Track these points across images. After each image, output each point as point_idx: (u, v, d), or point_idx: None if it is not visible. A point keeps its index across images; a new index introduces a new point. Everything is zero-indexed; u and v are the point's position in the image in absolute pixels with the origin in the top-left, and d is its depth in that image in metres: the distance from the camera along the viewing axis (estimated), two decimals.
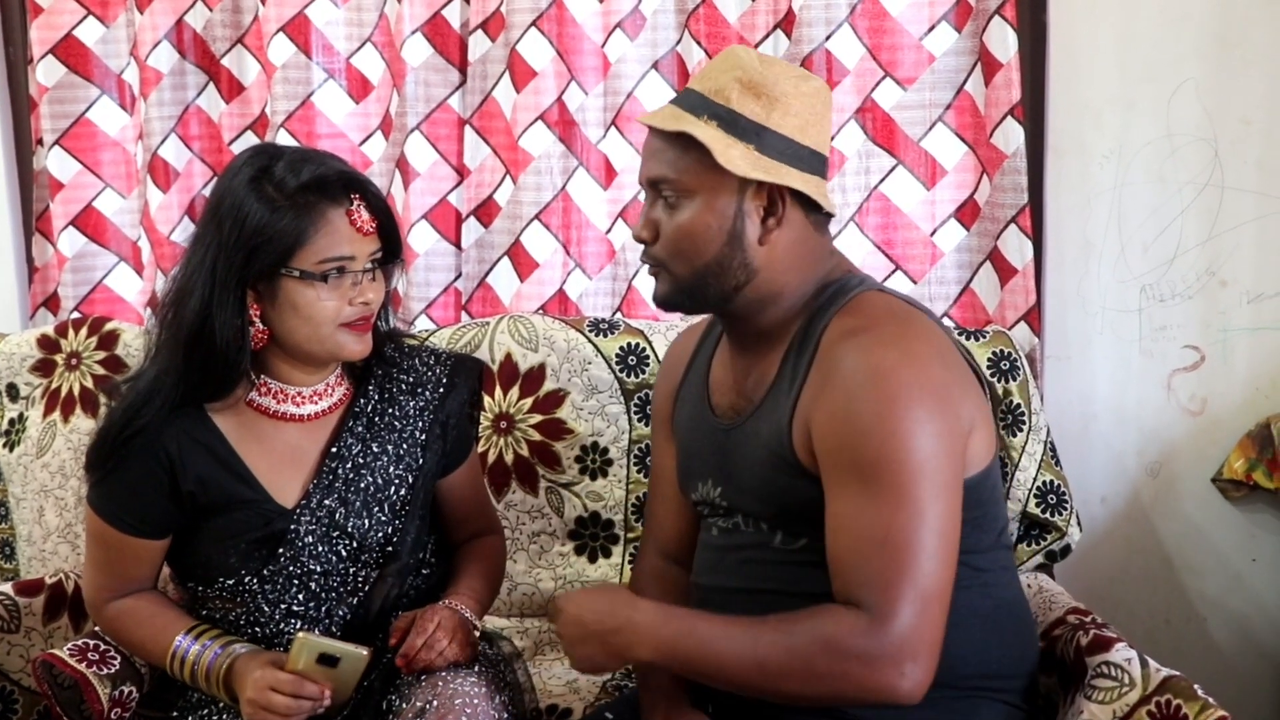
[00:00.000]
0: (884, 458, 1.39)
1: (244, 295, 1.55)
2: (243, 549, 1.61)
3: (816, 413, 1.45)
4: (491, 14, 2.37)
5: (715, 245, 1.50)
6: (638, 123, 1.57)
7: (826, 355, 1.47)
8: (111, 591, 1.68)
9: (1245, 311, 2.33)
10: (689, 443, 1.67)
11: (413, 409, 1.71)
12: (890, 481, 1.39)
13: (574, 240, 2.41)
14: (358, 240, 1.58)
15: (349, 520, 1.64)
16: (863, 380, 1.42)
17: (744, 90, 1.49)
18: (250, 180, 1.55)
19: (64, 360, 2.32)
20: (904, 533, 1.38)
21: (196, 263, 1.56)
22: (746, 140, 1.48)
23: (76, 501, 2.24)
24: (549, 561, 2.20)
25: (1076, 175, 2.35)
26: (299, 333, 1.58)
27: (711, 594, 1.60)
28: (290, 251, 1.54)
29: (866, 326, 1.47)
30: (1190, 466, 2.39)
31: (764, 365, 1.56)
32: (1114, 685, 1.53)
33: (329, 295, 1.57)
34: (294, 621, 1.64)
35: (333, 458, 1.66)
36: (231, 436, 1.63)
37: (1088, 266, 2.37)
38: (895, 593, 1.36)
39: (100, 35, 2.45)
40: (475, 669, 1.59)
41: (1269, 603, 2.39)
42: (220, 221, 1.55)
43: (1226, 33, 2.27)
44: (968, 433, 1.47)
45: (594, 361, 2.19)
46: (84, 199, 2.47)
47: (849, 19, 2.30)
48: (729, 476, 1.58)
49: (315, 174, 1.56)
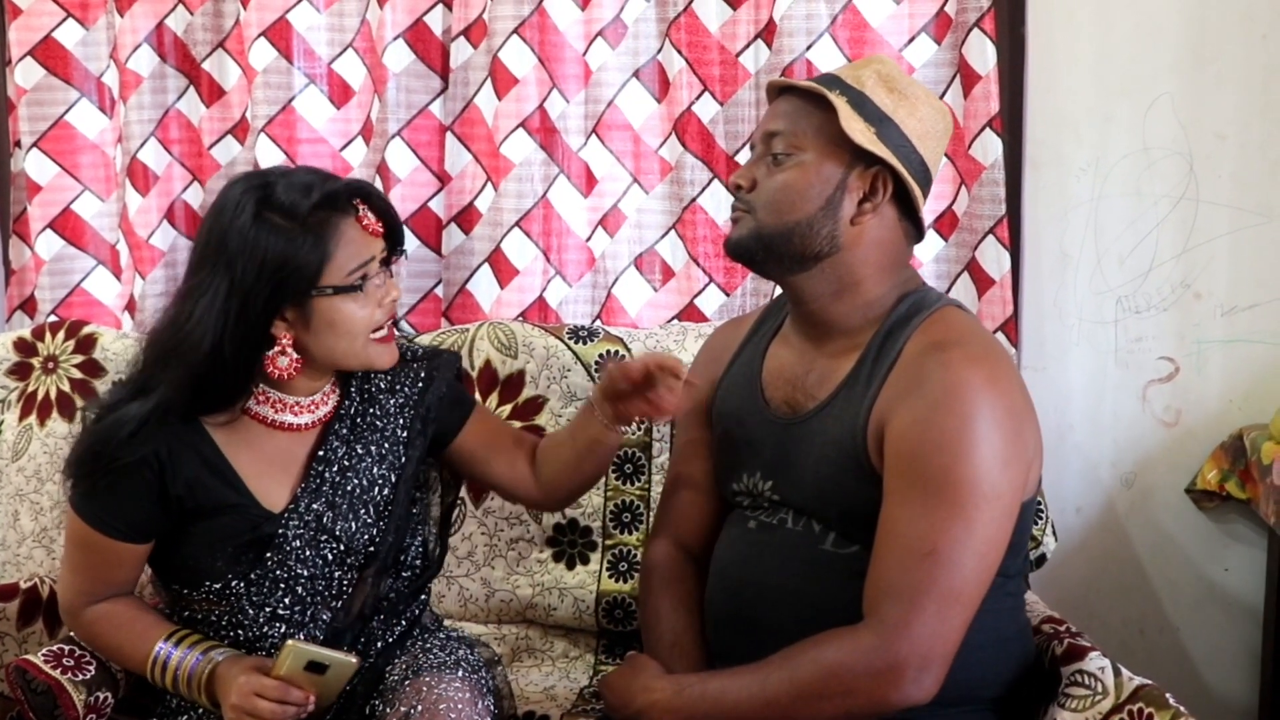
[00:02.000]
0: (952, 474, 1.42)
1: (268, 328, 1.55)
2: (230, 553, 1.60)
3: (895, 418, 1.46)
4: (474, 21, 2.38)
5: (811, 206, 1.53)
6: (773, 85, 1.61)
7: (911, 364, 1.49)
8: (90, 596, 1.66)
9: (1219, 324, 2.35)
10: (736, 433, 1.66)
11: (393, 406, 1.71)
12: (952, 498, 1.42)
13: (554, 247, 2.41)
14: (371, 243, 1.60)
15: (336, 524, 1.64)
16: (947, 393, 1.44)
17: (879, 81, 1.55)
18: (255, 214, 1.53)
19: (41, 364, 2.30)
20: (950, 549, 1.41)
21: (205, 306, 1.52)
22: (870, 122, 1.53)
23: (52, 505, 2.23)
24: (527, 568, 2.20)
25: (1054, 187, 2.37)
26: (338, 349, 1.59)
27: (746, 587, 1.60)
28: (319, 272, 1.54)
29: (955, 342, 1.49)
30: (1164, 477, 2.41)
31: (832, 364, 1.57)
32: (1087, 694, 1.54)
33: (364, 303, 1.58)
34: (278, 625, 1.63)
35: (319, 461, 1.65)
36: (221, 442, 1.62)
37: (1064, 278, 2.39)
38: (920, 603, 1.40)
39: (80, 37, 2.44)
40: (459, 673, 1.59)
41: (1241, 612, 2.41)
42: (230, 262, 1.52)
43: (1201, 48, 2.29)
44: (1031, 461, 1.51)
45: (573, 369, 2.20)
46: (62, 202, 2.46)
47: (830, 29, 2.31)
48: (785, 471, 1.58)
49: (323, 191, 1.56)
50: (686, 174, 2.38)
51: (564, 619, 2.17)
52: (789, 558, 1.56)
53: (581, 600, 2.16)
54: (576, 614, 2.16)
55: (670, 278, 2.43)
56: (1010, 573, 1.55)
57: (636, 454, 2.17)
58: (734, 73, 2.37)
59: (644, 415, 1.66)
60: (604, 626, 2.16)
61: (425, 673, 1.58)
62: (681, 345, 2.20)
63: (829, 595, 1.51)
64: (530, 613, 2.19)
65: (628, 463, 2.17)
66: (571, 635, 2.19)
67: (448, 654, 1.68)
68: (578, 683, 2.08)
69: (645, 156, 2.41)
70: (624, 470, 2.17)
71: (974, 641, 1.47)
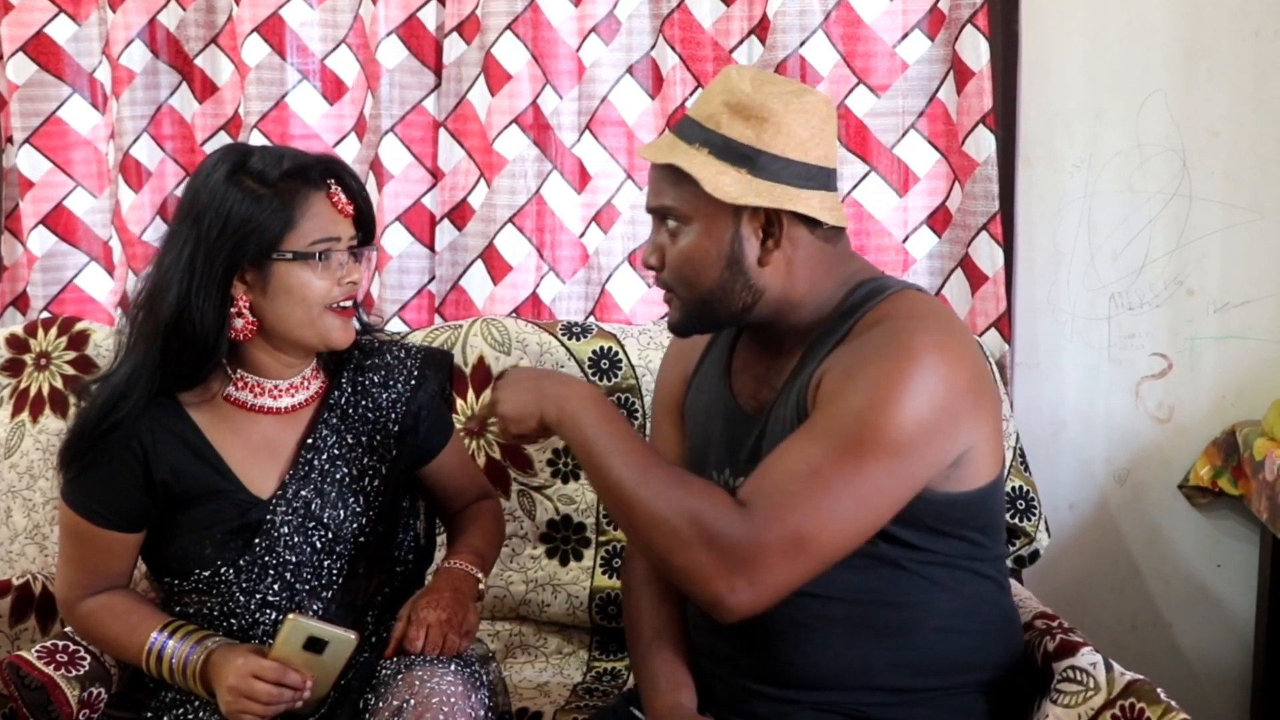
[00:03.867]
0: (863, 416, 1.38)
1: (228, 287, 1.57)
2: (218, 539, 1.61)
3: (831, 370, 1.45)
4: (467, 17, 2.38)
5: (715, 270, 1.50)
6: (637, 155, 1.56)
7: (861, 333, 1.47)
8: (84, 589, 1.66)
9: (1212, 320, 2.35)
10: (705, 430, 1.65)
11: (385, 401, 1.72)
12: (855, 437, 1.38)
13: (548, 244, 2.41)
14: (340, 222, 1.62)
15: (324, 511, 1.65)
16: (886, 346, 1.42)
17: (733, 115, 1.48)
18: (228, 175, 1.57)
19: (33, 360, 2.30)
20: (829, 482, 1.37)
21: (171, 260, 1.56)
22: (739, 165, 1.47)
23: (44, 502, 2.23)
24: (520, 564, 2.20)
25: (1047, 184, 2.37)
26: (292, 317, 1.59)
27: None
28: (280, 237, 1.56)
29: (908, 315, 1.46)
30: (1157, 473, 2.41)
31: (790, 356, 1.56)
32: (1079, 689, 1.55)
33: (322, 275, 1.59)
34: (269, 612, 1.64)
35: (308, 449, 1.66)
36: (206, 429, 1.63)
37: (1058, 274, 2.39)
38: (778, 517, 1.36)
39: (72, 33, 2.43)
40: (451, 667, 1.59)
41: (1234, 608, 2.41)
42: (198, 217, 1.56)
43: (1194, 46, 2.30)
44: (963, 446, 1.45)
45: (567, 365, 2.20)
46: (54, 198, 2.45)
47: (823, 25, 2.31)
48: (751, 465, 1.55)
49: (296, 162, 1.59)
50: None
51: (557, 615, 2.17)
52: None
53: (575, 596, 2.16)
54: (570, 610, 2.16)
55: None
56: (988, 555, 1.54)
57: None
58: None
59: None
60: (597, 622, 2.17)
61: (418, 666, 1.57)
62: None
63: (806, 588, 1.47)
64: (524, 609, 2.19)
65: None
66: (565, 631, 2.20)
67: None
68: (571, 679, 2.09)
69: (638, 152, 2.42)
70: None
71: (955, 624, 1.48)
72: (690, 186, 1.48)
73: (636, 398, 2.18)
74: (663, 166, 1.52)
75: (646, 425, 2.16)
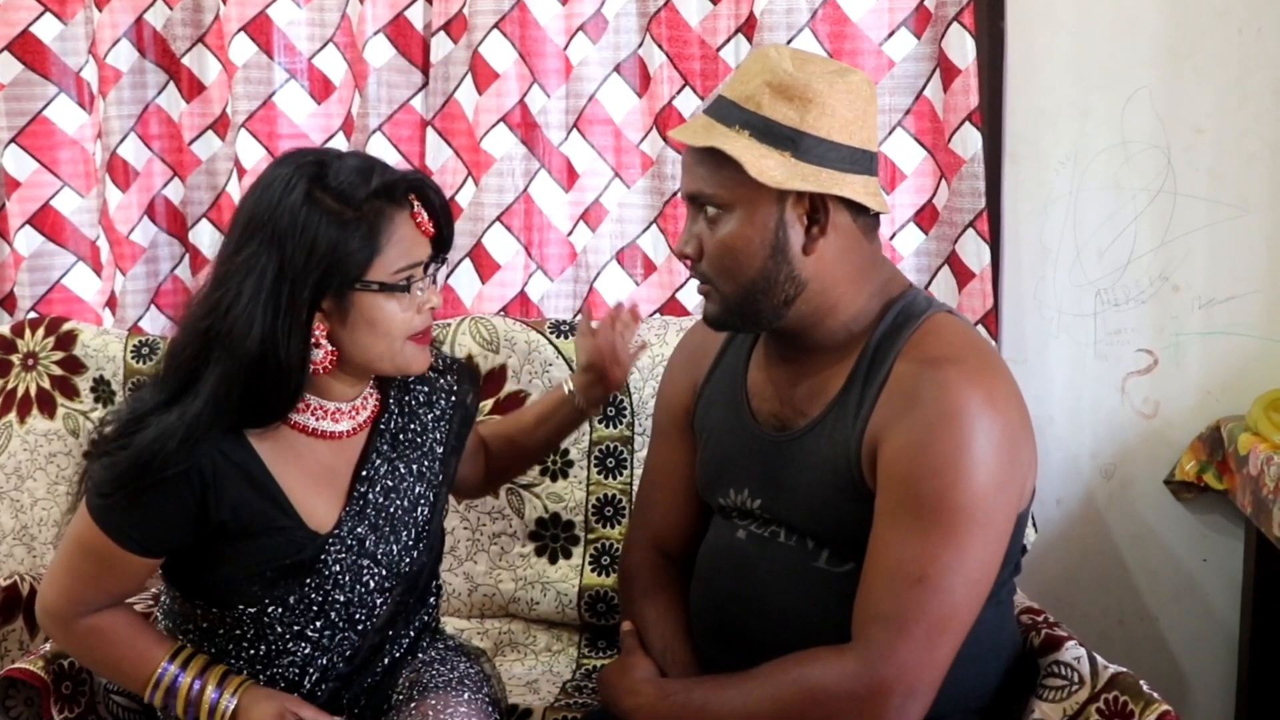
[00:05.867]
0: (946, 499, 1.38)
1: (311, 318, 1.44)
2: (268, 577, 1.50)
3: (889, 439, 1.41)
4: (454, 16, 2.38)
5: (759, 259, 1.44)
6: (671, 138, 1.52)
7: (904, 381, 1.43)
8: (87, 605, 1.53)
9: (1197, 316, 2.37)
10: (721, 447, 1.60)
11: (430, 420, 1.63)
12: (946, 523, 1.38)
13: (535, 242, 2.42)
14: (422, 244, 1.50)
15: (378, 547, 1.56)
16: (943, 416, 1.39)
17: (775, 95, 1.42)
18: (307, 194, 1.42)
19: (20, 360, 2.30)
20: (940, 576, 1.37)
21: (253, 289, 1.40)
22: (782, 148, 1.41)
23: (33, 503, 2.22)
24: (509, 562, 2.20)
25: (1033, 180, 2.38)
26: (373, 349, 1.48)
27: (734, 601, 1.55)
28: (366, 266, 1.44)
29: (950, 358, 1.43)
30: (1143, 468, 2.42)
31: (821, 381, 1.51)
32: (1064, 684, 1.56)
33: (406, 306, 1.48)
34: (304, 645, 1.55)
35: (362, 480, 1.56)
36: (267, 458, 1.49)
37: (1044, 271, 2.40)
38: (908, 630, 1.37)
39: (58, 32, 2.42)
40: (465, 695, 1.57)
41: (1219, 602, 2.43)
42: (280, 242, 1.41)
43: (1178, 43, 2.31)
44: (1026, 475, 1.47)
45: (555, 363, 2.20)
46: (41, 197, 2.44)
47: (810, 24, 2.32)
48: (775, 489, 1.52)
49: (382, 179, 1.46)
50: (668, 168, 2.38)
51: (547, 613, 2.18)
52: (781, 573, 1.51)
53: (564, 594, 2.16)
54: (559, 608, 2.17)
55: (652, 271, 2.44)
56: (1002, 581, 1.52)
57: (619, 448, 2.18)
58: (714, 67, 2.37)
59: (613, 380, 1.72)
60: (586, 620, 2.17)
61: (431, 694, 1.55)
62: (663, 339, 2.20)
63: (821, 612, 1.47)
64: (513, 607, 2.19)
65: (610, 457, 2.18)
66: (554, 629, 2.20)
67: (450, 669, 1.64)
68: (561, 676, 2.09)
69: (626, 151, 2.42)
70: (606, 465, 2.18)
71: (965, 654, 1.44)
72: (731, 171, 1.42)
73: (625, 395, 2.18)
74: (700, 151, 1.45)
75: (635, 423, 2.17)
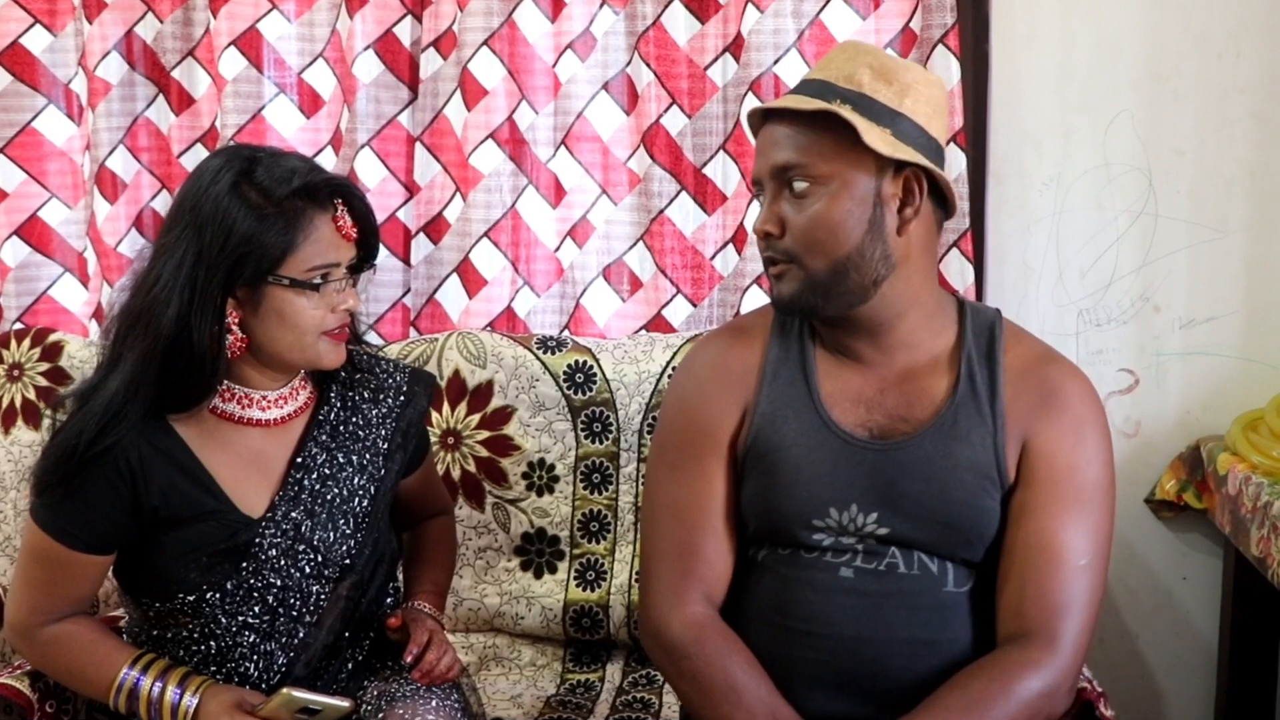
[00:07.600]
0: (1100, 485, 1.49)
1: (224, 304, 1.49)
2: (204, 562, 1.53)
3: (1041, 433, 1.48)
4: (443, 32, 2.39)
5: (857, 234, 1.43)
6: (760, 111, 1.48)
7: (1028, 376, 1.50)
8: (47, 615, 1.56)
9: (1177, 336, 2.39)
10: (811, 465, 1.49)
11: (375, 417, 1.67)
12: (1102, 508, 1.48)
13: (523, 258, 2.43)
14: (342, 247, 1.54)
15: (314, 533, 1.59)
16: (1090, 407, 1.51)
17: (876, 76, 1.45)
18: (233, 186, 1.48)
19: (6, 371, 2.29)
20: (1098, 558, 1.47)
21: (172, 270, 1.48)
22: (882, 124, 1.42)
23: (16, 514, 2.22)
24: (495, 577, 2.20)
25: (1016, 201, 2.40)
26: (281, 341, 1.53)
27: (866, 646, 1.46)
28: (280, 260, 1.49)
29: (1054, 354, 1.55)
30: (1124, 487, 2.42)
31: (923, 384, 1.49)
32: None
33: (317, 304, 1.53)
34: (249, 634, 1.57)
35: (298, 468, 1.60)
36: (194, 444, 1.55)
37: (1027, 290, 2.42)
38: (1087, 615, 1.45)
39: (47, 44, 2.42)
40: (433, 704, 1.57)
41: (1198, 620, 2.45)
42: (200, 228, 1.48)
43: (1159, 67, 2.33)
44: None
45: (541, 379, 2.21)
46: (29, 209, 2.45)
47: (797, 44, 2.34)
48: (894, 499, 1.46)
49: (305, 181, 1.51)
50: (655, 185, 2.40)
51: (531, 628, 2.18)
52: (913, 607, 1.46)
53: (549, 609, 2.17)
54: (544, 623, 2.17)
55: (638, 288, 2.45)
56: None
57: (604, 464, 2.19)
58: (702, 86, 2.39)
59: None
60: (571, 635, 2.18)
61: (399, 703, 1.55)
62: (649, 355, 2.21)
63: (957, 640, 1.47)
64: (498, 621, 2.19)
65: (595, 472, 2.19)
66: (539, 644, 2.20)
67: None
68: (545, 691, 2.09)
69: (614, 168, 2.43)
70: (592, 480, 2.19)
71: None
72: (830, 144, 1.42)
73: (611, 411, 2.19)
74: (800, 120, 1.44)
75: (620, 439, 2.18)
